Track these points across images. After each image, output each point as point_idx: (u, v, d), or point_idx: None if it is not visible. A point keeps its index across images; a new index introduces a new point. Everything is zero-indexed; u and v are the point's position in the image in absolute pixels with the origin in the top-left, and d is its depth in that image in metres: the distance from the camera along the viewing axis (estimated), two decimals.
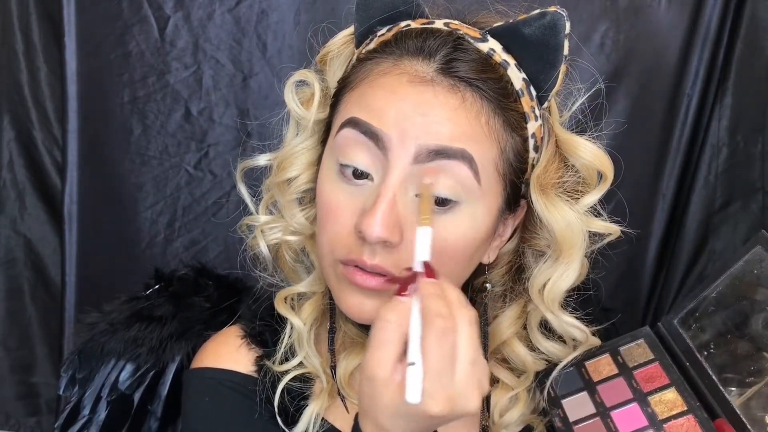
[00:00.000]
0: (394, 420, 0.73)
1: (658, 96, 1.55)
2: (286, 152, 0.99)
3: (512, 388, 1.01)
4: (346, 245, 0.87)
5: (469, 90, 0.86)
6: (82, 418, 1.07)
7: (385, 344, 0.71)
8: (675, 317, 1.02)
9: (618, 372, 1.00)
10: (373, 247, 0.85)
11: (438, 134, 0.84)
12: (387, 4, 0.92)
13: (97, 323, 1.08)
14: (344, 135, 0.87)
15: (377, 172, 0.86)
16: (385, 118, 0.85)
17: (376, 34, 0.93)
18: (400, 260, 0.85)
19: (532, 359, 1.01)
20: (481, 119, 0.86)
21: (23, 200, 1.55)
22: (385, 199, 0.83)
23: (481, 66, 0.87)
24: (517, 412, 1.01)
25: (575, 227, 0.93)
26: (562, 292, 0.96)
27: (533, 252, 0.99)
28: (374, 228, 0.83)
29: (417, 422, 0.72)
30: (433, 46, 0.87)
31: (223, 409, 0.96)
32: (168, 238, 1.54)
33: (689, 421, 0.91)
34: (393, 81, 0.86)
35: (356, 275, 0.87)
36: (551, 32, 0.88)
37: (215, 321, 1.09)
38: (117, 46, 1.46)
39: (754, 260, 0.96)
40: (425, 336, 0.71)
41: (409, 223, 0.85)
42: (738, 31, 1.51)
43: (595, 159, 0.95)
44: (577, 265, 0.95)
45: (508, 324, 1.00)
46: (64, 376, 1.08)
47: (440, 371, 0.70)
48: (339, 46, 0.99)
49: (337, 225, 0.88)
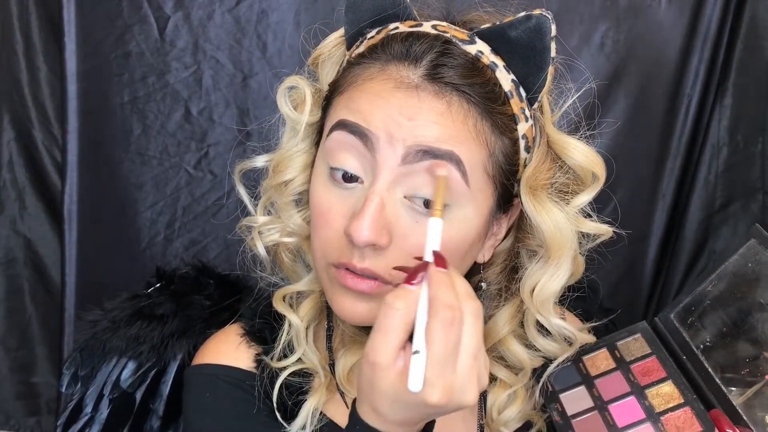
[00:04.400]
0: (392, 406, 0.73)
1: (658, 96, 1.55)
2: (281, 155, 1.00)
3: (510, 385, 1.01)
4: (336, 248, 0.88)
5: (455, 95, 0.86)
6: (85, 416, 1.08)
7: (390, 331, 0.72)
8: (671, 312, 1.02)
9: (615, 366, 1.01)
10: (363, 251, 0.86)
11: (425, 136, 0.84)
12: (376, 6, 0.93)
13: (99, 321, 1.09)
14: (334, 138, 0.88)
15: (366, 175, 0.87)
16: (372, 119, 0.85)
17: (366, 37, 0.94)
18: (390, 263, 0.86)
19: (528, 357, 1.01)
20: (468, 123, 0.86)
21: (23, 200, 1.56)
22: (373, 203, 0.84)
23: (468, 70, 0.87)
24: (516, 409, 1.01)
25: (564, 229, 0.93)
26: (552, 294, 0.95)
27: (527, 251, 0.99)
28: (362, 232, 0.83)
29: (414, 410, 0.73)
30: (419, 51, 0.87)
31: (223, 404, 0.96)
32: (168, 238, 1.54)
33: (686, 413, 0.91)
34: (379, 86, 0.87)
35: (347, 278, 0.88)
36: (537, 35, 0.88)
37: (216, 319, 1.09)
38: (117, 46, 1.47)
39: (749, 254, 0.96)
40: (431, 325, 0.71)
41: (398, 225, 0.86)
42: (738, 31, 1.51)
43: (587, 159, 0.95)
44: (567, 267, 0.95)
45: (503, 322, 1.00)
46: (66, 373, 1.08)
47: (443, 361, 0.70)
48: (330, 49, 1.00)
49: (328, 229, 0.89)
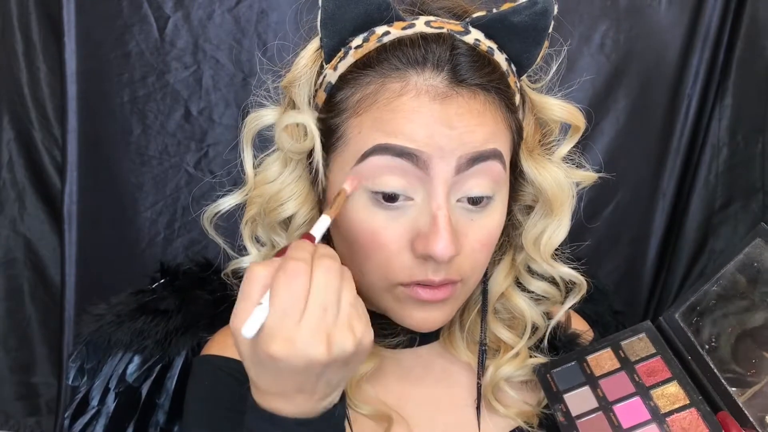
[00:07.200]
0: (254, 368, 0.74)
1: (658, 96, 1.56)
2: (272, 189, 0.97)
3: (512, 347, 1.03)
4: (404, 268, 0.87)
5: (480, 90, 0.87)
6: (92, 409, 1.08)
7: (248, 297, 0.72)
8: (676, 311, 1.02)
9: (620, 366, 1.00)
10: (439, 265, 0.86)
11: (473, 142, 0.85)
12: (359, 15, 0.88)
13: (104, 315, 1.09)
14: (374, 162, 0.85)
15: (416, 191, 0.86)
16: (419, 138, 0.84)
17: (351, 46, 0.90)
18: (460, 265, 0.88)
19: (529, 308, 1.03)
20: (497, 114, 0.88)
21: (23, 200, 1.55)
22: (444, 218, 0.84)
23: (481, 63, 0.88)
24: (516, 364, 1.03)
25: (564, 184, 0.96)
26: (555, 245, 0.99)
27: (519, 208, 1.01)
28: (446, 250, 0.83)
29: (268, 368, 0.72)
30: (436, 55, 0.86)
31: (218, 392, 0.97)
32: (168, 238, 1.54)
33: (692, 415, 0.91)
34: (413, 102, 0.85)
35: (424, 293, 0.88)
36: (542, 17, 0.89)
37: (220, 315, 1.09)
38: (117, 46, 1.46)
39: (755, 253, 0.96)
40: (275, 276, 0.71)
41: (458, 228, 0.87)
42: (738, 31, 1.52)
43: (569, 114, 0.98)
44: (568, 220, 0.98)
45: (502, 277, 1.03)
46: (73, 366, 1.08)
47: (285, 312, 0.70)
48: (309, 68, 0.95)
49: (385, 251, 0.87)
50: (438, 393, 1.02)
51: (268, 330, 0.70)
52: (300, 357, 0.70)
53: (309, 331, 0.70)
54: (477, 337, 1.03)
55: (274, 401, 0.75)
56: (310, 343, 0.70)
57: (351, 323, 0.73)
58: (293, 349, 0.70)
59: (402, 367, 1.01)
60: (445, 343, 1.04)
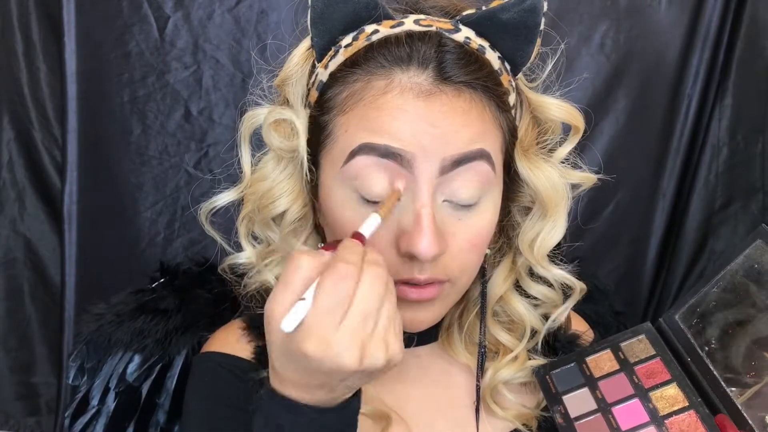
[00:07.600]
0: (281, 359, 0.74)
1: (658, 96, 1.56)
2: (265, 186, 0.97)
3: (511, 349, 1.03)
4: (390, 266, 0.85)
5: (466, 88, 0.86)
6: (92, 409, 1.08)
7: (290, 284, 0.72)
8: (676, 313, 1.02)
9: (619, 368, 1.00)
10: (423, 264, 0.86)
11: (457, 142, 0.84)
12: (347, 14, 0.88)
13: (104, 314, 1.09)
14: (360, 162, 0.85)
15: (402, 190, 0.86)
16: (403, 136, 0.83)
17: (341, 45, 0.90)
18: (446, 264, 0.87)
19: (527, 312, 1.03)
20: (485, 113, 0.87)
21: (23, 200, 1.55)
22: (428, 217, 0.84)
23: (467, 61, 0.87)
24: (515, 368, 1.02)
25: (558, 185, 0.95)
26: (549, 247, 0.98)
27: (518, 209, 1.00)
28: (429, 248, 0.83)
29: (297, 362, 0.72)
30: (422, 52, 0.86)
31: (217, 389, 0.97)
32: (168, 238, 1.54)
33: (691, 417, 0.91)
34: (397, 100, 0.84)
35: (410, 292, 0.88)
36: (531, 14, 0.88)
37: (220, 314, 1.09)
38: (117, 46, 1.46)
39: (755, 254, 0.96)
40: (323, 275, 0.71)
41: (445, 228, 0.86)
42: (738, 31, 1.52)
43: (567, 114, 0.97)
44: (563, 222, 0.97)
45: (502, 279, 1.02)
46: (73, 365, 1.08)
47: (325, 312, 0.70)
48: (301, 66, 0.96)
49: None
50: (436, 394, 1.02)
51: (307, 327, 0.70)
52: (332, 360, 0.70)
53: (346, 336, 0.70)
54: (476, 339, 1.03)
55: (294, 390, 0.75)
56: (345, 349, 0.70)
57: (387, 338, 0.73)
58: (327, 351, 0.70)
59: (400, 367, 1.01)
60: (444, 344, 1.04)
